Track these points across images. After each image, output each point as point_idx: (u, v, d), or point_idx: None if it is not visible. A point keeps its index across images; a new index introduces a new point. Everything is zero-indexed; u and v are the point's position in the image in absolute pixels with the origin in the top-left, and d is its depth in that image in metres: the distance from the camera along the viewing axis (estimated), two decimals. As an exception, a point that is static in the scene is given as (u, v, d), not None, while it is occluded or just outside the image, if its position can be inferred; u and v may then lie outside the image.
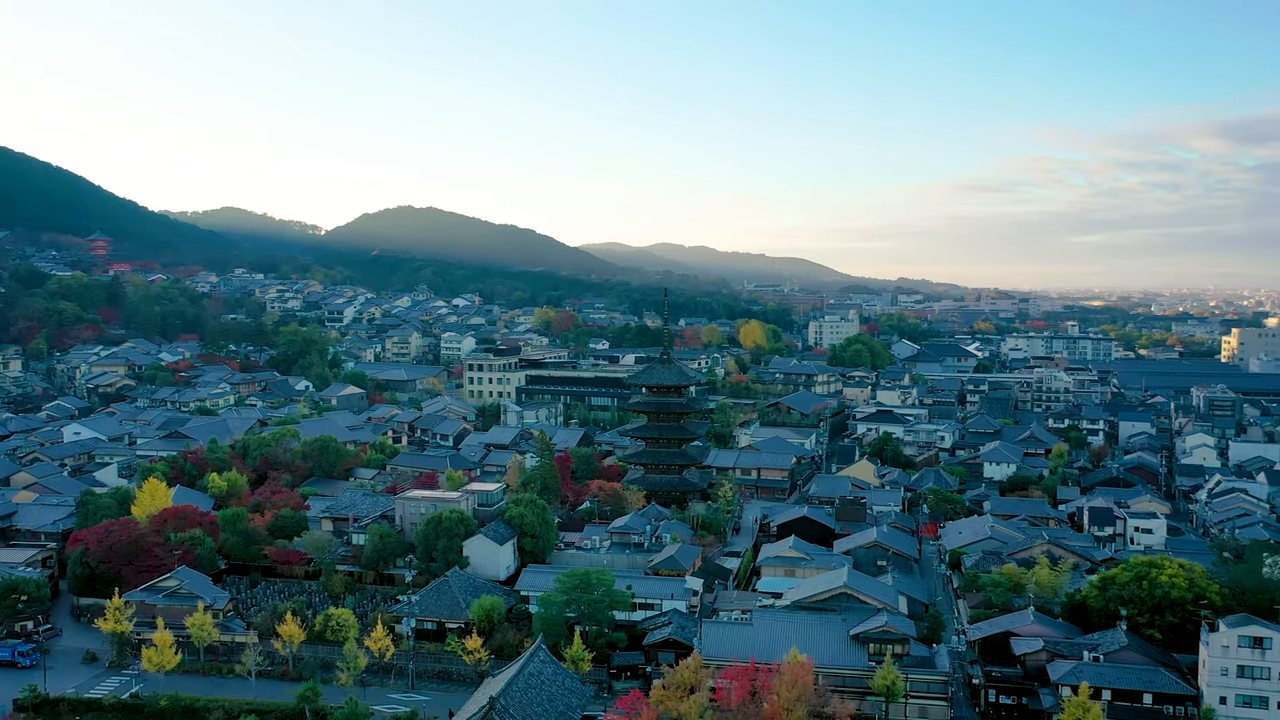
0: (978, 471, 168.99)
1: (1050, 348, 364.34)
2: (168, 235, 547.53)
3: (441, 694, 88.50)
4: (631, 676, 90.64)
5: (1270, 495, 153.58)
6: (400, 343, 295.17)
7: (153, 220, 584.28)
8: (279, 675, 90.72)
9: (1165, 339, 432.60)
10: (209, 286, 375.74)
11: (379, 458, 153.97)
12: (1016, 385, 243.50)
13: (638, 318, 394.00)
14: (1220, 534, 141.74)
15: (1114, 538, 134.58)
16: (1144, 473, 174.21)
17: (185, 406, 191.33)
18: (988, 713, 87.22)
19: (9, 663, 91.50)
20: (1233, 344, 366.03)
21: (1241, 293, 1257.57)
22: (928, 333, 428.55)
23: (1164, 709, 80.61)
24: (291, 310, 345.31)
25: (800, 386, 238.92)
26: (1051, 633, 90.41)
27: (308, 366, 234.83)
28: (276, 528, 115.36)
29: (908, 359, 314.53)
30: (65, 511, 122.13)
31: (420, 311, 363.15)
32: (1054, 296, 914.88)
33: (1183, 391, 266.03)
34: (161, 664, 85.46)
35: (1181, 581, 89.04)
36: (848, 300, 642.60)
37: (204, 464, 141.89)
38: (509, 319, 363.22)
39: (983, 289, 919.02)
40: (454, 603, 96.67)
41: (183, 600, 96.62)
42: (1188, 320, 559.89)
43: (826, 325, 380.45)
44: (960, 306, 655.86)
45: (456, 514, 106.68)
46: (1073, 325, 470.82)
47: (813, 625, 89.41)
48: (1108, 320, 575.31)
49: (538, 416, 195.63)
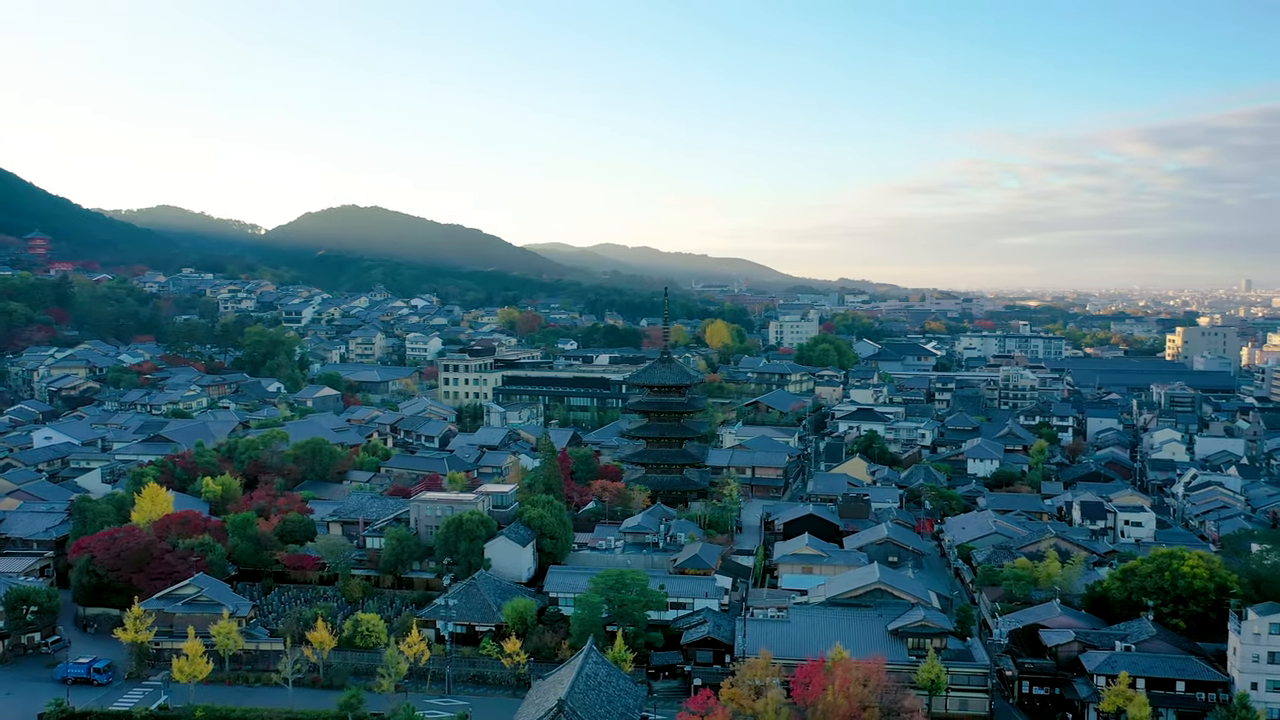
0: (962, 468, 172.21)
1: (1003, 346, 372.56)
2: (105, 234, 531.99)
3: (479, 698, 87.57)
4: (670, 676, 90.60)
5: (1243, 488, 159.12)
6: (364, 343, 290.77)
7: (88, 219, 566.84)
8: (310, 683, 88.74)
9: (1109, 338, 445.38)
10: (157, 287, 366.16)
11: (372, 460, 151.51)
12: (983, 383, 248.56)
13: (598, 318, 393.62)
14: (1201, 526, 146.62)
15: (1106, 531, 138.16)
16: (1118, 468, 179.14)
17: (157, 409, 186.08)
18: (1021, 703, 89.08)
19: (84, 680, 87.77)
20: (1177, 343, 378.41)
21: (1167, 293, 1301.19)
22: (881, 332, 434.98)
23: (1196, 696, 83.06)
24: (246, 311, 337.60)
25: (774, 386, 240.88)
26: (1079, 624, 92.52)
27: (276, 368, 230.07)
28: (285, 532, 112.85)
29: (869, 358, 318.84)
30: (57, 519, 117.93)
31: (380, 312, 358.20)
32: (990, 296, 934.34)
33: (1137, 389, 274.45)
34: (194, 674, 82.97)
35: (1203, 572, 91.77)
36: (795, 300, 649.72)
37: (193, 468, 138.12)
38: (472, 319, 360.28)
39: (923, 289, 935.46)
40: (484, 605, 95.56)
41: (203, 608, 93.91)
42: (1125, 320, 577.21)
43: (787, 325, 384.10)
44: (906, 306, 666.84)
45: (477, 516, 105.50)
46: (1024, 325, 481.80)
47: (850, 621, 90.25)
48: (1048, 320, 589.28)
49: (521, 417, 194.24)
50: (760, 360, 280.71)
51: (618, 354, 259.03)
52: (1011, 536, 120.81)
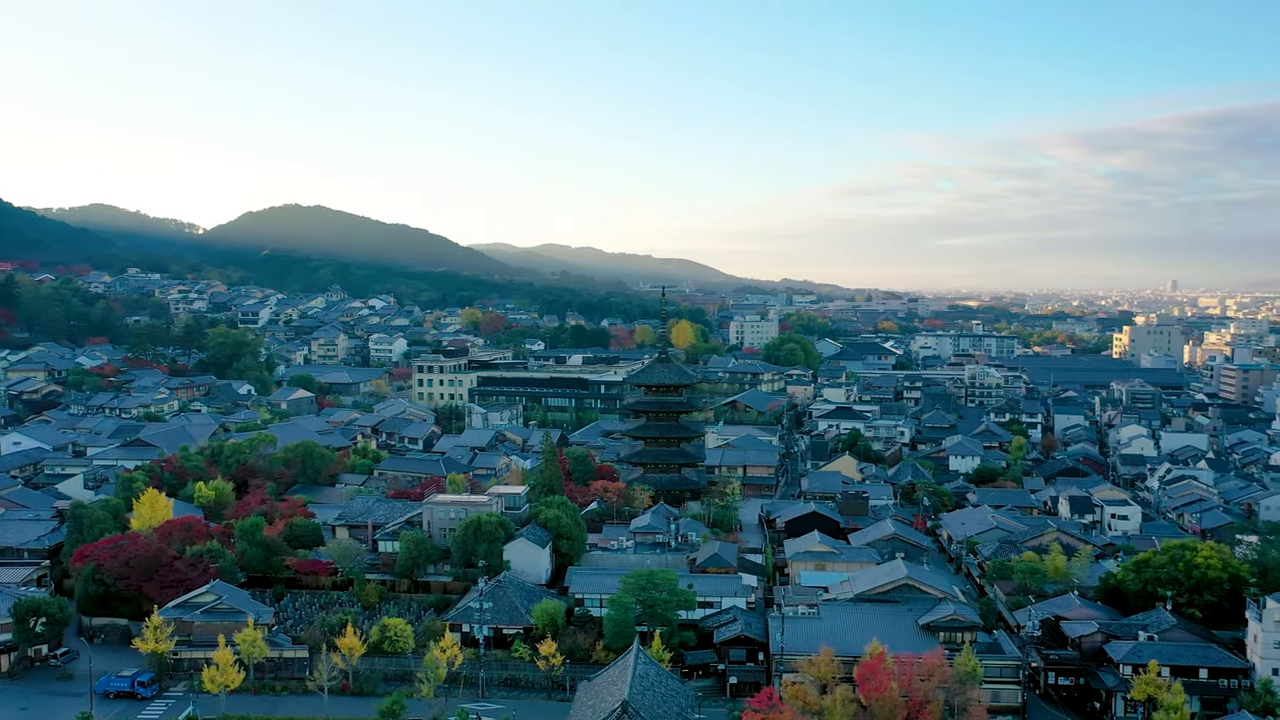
0: (944, 465, 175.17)
1: (958, 346, 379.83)
2: (37, 232, 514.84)
3: (514, 701, 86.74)
4: (704, 675, 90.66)
5: (1215, 481, 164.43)
6: (327, 344, 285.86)
7: (18, 216, 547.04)
8: (339, 690, 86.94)
9: (1056, 336, 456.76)
10: (104, 287, 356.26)
11: (364, 463, 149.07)
12: (949, 381, 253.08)
13: (560, 318, 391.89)
14: (1179, 519, 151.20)
15: (1094, 525, 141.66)
16: (1091, 463, 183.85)
17: (128, 413, 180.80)
18: (1047, 694, 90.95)
19: (127, 694, 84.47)
20: (1124, 341, 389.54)
21: (1097, 293, 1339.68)
22: (836, 332, 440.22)
23: (1219, 683, 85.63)
24: (199, 312, 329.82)
25: (746, 385, 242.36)
26: (1099, 615, 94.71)
27: (243, 370, 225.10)
28: (291, 537, 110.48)
29: (832, 357, 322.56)
30: (48, 526, 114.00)
31: (338, 313, 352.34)
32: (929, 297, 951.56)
33: (1091, 386, 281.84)
34: (225, 683, 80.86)
35: (1216, 562, 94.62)
36: (745, 300, 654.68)
37: (182, 473, 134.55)
38: (435, 320, 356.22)
39: (865, 290, 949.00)
40: (512, 608, 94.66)
41: (222, 616, 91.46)
42: (1066, 319, 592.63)
43: (748, 325, 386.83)
44: (853, 306, 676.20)
45: (496, 518, 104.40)
46: (977, 324, 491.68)
47: (881, 616, 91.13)
48: (992, 319, 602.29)
49: (502, 418, 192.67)
50: (729, 360, 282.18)
51: (590, 354, 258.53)
52: (1012, 531, 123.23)
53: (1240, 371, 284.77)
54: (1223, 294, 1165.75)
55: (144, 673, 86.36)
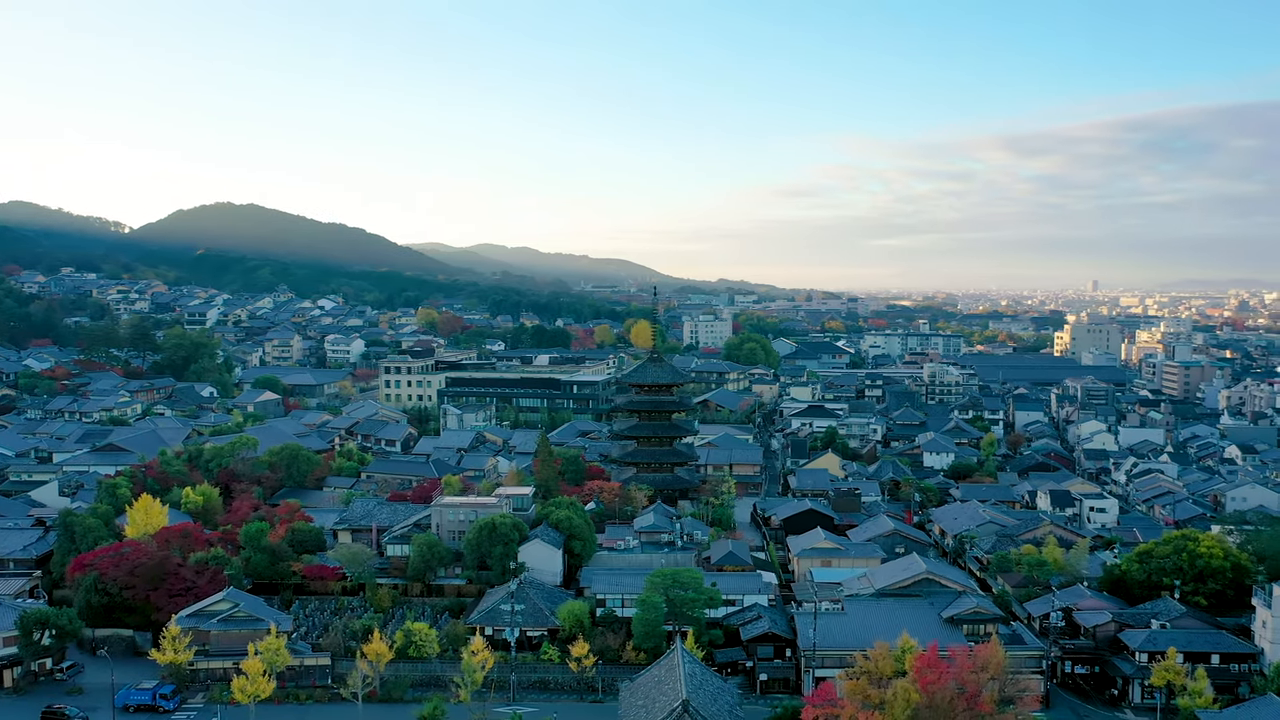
0: (918, 461, 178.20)
1: (906, 345, 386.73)
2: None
3: (547, 704, 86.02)
4: (733, 673, 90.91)
5: (1179, 474, 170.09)
6: (281, 346, 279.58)
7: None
8: (367, 697, 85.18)
9: (996, 335, 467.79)
10: (38, 287, 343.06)
11: (351, 466, 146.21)
12: (909, 380, 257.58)
13: (513, 319, 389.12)
14: (1150, 511, 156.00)
15: (1074, 518, 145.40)
16: (1058, 458, 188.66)
17: (89, 417, 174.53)
18: (1064, 683, 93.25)
19: (149, 707, 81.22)
20: (1065, 339, 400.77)
21: (1023, 293, 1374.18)
22: (785, 331, 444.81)
23: (1230, 668, 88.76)
24: (143, 312, 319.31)
25: (713, 385, 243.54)
26: (1109, 605, 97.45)
27: (202, 371, 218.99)
28: (295, 542, 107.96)
29: (788, 356, 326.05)
30: (33, 535, 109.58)
31: (287, 314, 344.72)
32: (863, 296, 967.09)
33: (1038, 383, 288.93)
34: (256, 693, 78.64)
35: (1219, 551, 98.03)
36: (687, 300, 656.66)
37: (164, 478, 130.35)
38: (390, 320, 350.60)
39: (800, 289, 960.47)
40: (536, 610, 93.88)
41: (240, 624, 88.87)
42: (1001, 319, 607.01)
43: (702, 325, 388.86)
44: (795, 306, 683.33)
45: (510, 519, 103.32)
46: (923, 323, 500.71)
47: (904, 611, 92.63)
48: (931, 318, 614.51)
49: (477, 419, 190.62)
50: (692, 360, 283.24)
51: (555, 354, 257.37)
52: (1005, 525, 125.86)
53: (1182, 369, 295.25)
54: (1142, 294, 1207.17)
55: (165, 685, 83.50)
